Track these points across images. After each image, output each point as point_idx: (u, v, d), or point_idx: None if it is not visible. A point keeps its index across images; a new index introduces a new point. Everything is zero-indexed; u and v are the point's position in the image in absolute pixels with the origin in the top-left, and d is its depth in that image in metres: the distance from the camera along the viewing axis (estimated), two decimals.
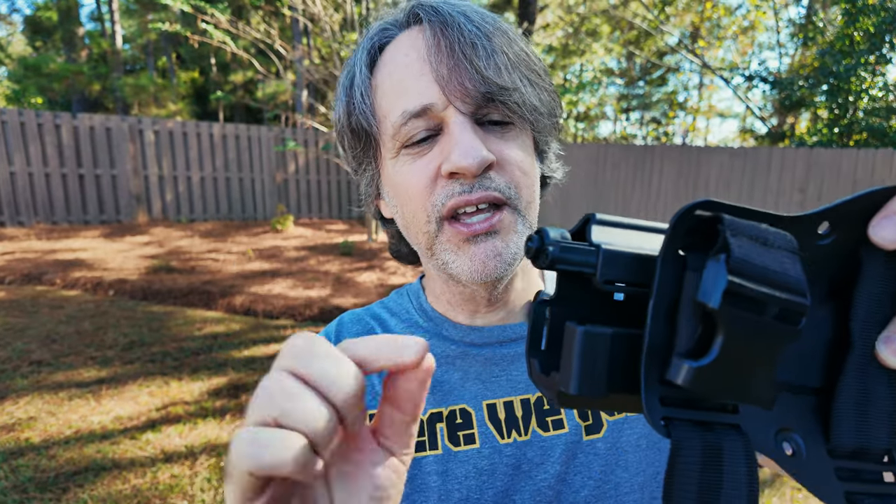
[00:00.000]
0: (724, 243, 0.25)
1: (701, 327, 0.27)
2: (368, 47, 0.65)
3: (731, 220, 0.26)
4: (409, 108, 0.59)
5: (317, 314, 5.41)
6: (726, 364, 0.25)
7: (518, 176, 0.61)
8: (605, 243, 0.30)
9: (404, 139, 0.61)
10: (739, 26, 17.44)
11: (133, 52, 22.30)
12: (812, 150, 6.02)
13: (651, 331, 0.28)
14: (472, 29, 0.58)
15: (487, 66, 0.57)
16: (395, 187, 0.64)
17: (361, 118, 0.64)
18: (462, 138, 0.57)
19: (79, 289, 6.10)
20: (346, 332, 0.74)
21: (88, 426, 3.19)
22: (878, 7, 7.01)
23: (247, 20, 15.56)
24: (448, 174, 0.58)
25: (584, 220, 0.33)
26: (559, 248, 0.30)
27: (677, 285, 0.28)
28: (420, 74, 0.59)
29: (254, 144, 11.00)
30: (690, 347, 0.27)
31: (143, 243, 8.39)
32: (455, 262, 0.61)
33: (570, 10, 16.61)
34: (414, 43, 0.61)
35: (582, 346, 0.29)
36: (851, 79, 7.23)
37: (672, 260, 0.28)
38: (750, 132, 13.92)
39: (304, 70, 10.37)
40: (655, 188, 7.77)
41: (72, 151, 9.34)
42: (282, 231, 9.88)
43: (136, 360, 4.18)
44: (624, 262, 0.30)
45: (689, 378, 0.25)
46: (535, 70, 0.63)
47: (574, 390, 0.29)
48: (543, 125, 0.64)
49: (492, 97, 0.58)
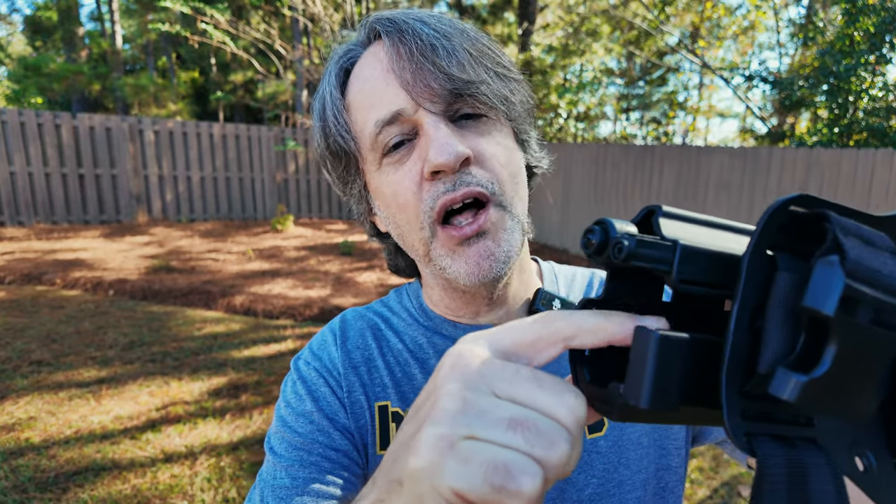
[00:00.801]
0: (835, 243, 0.23)
1: (804, 335, 0.24)
2: (336, 70, 0.66)
3: (839, 219, 0.24)
4: (380, 117, 0.60)
5: (317, 314, 5.41)
6: (836, 377, 0.23)
7: (498, 169, 0.61)
8: (681, 238, 0.27)
9: (382, 148, 0.62)
10: (739, 26, 17.43)
11: (133, 52, 22.31)
12: (812, 150, 6.02)
13: (734, 338, 0.25)
14: (430, 32, 0.60)
15: (450, 64, 0.58)
16: (385, 198, 0.65)
17: (339, 138, 0.65)
18: (436, 136, 0.58)
19: (79, 289, 6.10)
20: (350, 329, 0.74)
21: (88, 426, 3.19)
22: (879, 7, 7.00)
23: (246, 20, 15.56)
24: (430, 174, 0.59)
25: (646, 211, 0.30)
26: (636, 242, 0.27)
27: (764, 289, 0.25)
28: (386, 84, 0.60)
29: (254, 144, 11.00)
30: (794, 359, 0.24)
31: (143, 243, 8.39)
32: (451, 266, 0.61)
33: (570, 9, 16.60)
34: (377, 56, 0.62)
35: (657, 354, 0.26)
36: (851, 79, 7.22)
37: (760, 260, 0.25)
38: (750, 132, 13.92)
39: (303, 70, 10.37)
40: (655, 188, 7.77)
41: (72, 151, 9.34)
42: (282, 231, 9.88)
43: (136, 360, 4.18)
44: (703, 261, 0.27)
45: (797, 393, 0.23)
46: (500, 63, 0.63)
47: (646, 404, 0.26)
48: (517, 113, 0.65)
49: (459, 92, 0.59)
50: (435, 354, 0.71)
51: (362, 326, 0.74)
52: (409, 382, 0.69)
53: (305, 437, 0.65)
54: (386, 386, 0.69)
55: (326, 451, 0.64)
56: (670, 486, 0.72)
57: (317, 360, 0.71)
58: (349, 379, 0.69)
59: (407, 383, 0.69)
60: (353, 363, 0.70)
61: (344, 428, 0.66)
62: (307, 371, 0.70)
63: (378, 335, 0.73)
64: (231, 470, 2.83)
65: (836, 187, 5.75)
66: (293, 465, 0.63)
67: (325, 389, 0.68)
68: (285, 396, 0.70)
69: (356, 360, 0.70)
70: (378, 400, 0.68)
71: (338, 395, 0.68)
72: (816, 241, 0.25)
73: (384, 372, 0.70)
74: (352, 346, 0.72)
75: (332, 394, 0.68)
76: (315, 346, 0.73)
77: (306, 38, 14.84)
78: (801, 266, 0.25)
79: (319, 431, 0.65)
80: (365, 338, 0.73)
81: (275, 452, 0.65)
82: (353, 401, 0.68)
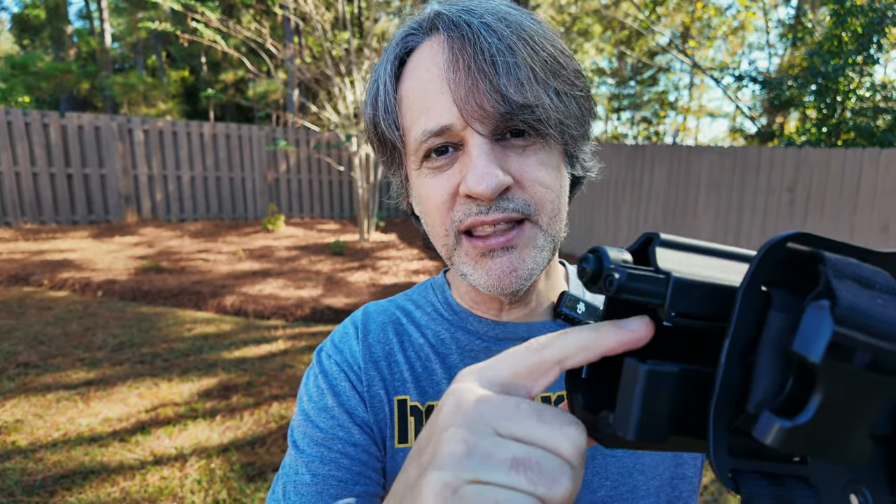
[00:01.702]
0: (827, 287, 0.22)
1: (792, 379, 0.24)
2: (392, 58, 0.64)
3: (834, 260, 0.23)
4: (428, 128, 0.60)
5: (308, 314, 5.39)
6: (822, 422, 0.22)
7: (539, 192, 0.60)
8: (674, 271, 0.27)
9: (425, 152, 0.62)
10: (729, 26, 17.55)
11: (122, 50, 22.11)
12: (801, 150, 6.07)
13: (724, 375, 0.25)
14: (493, 42, 0.56)
15: (508, 85, 0.56)
16: (420, 197, 0.66)
17: (387, 131, 0.65)
18: (478, 163, 0.57)
19: (67, 290, 6.04)
20: (372, 323, 0.75)
21: (76, 429, 3.16)
22: (866, 8, 7.07)
23: (237, 19, 15.47)
24: (465, 195, 0.59)
25: (644, 238, 0.30)
26: (626, 275, 0.26)
27: (757, 324, 0.25)
28: (439, 93, 0.58)
29: (244, 144, 10.94)
30: (780, 402, 0.24)
31: (133, 244, 8.32)
32: (473, 274, 0.62)
33: (562, 9, 16.65)
34: (434, 57, 0.60)
35: (645, 388, 0.26)
36: (839, 79, 7.29)
37: (754, 295, 0.25)
38: (740, 132, 14.01)
39: (295, 69, 10.33)
40: (647, 187, 7.80)
41: (60, 151, 9.25)
42: (273, 231, 9.84)
43: (126, 361, 4.14)
44: (697, 294, 0.26)
45: (781, 439, 0.23)
46: (563, 76, 0.60)
47: (633, 436, 0.26)
48: (570, 136, 0.62)
49: (511, 116, 0.57)
50: (457, 350, 0.71)
51: (384, 321, 0.75)
52: (428, 377, 0.70)
53: (326, 432, 0.66)
54: (406, 381, 0.70)
55: (346, 447, 0.65)
56: (684, 495, 0.72)
57: (338, 353, 0.72)
58: (369, 373, 0.70)
59: (427, 378, 0.70)
60: (374, 357, 0.71)
61: (363, 422, 0.68)
62: (329, 364, 0.71)
63: (399, 329, 0.74)
64: (222, 472, 2.81)
65: (824, 186, 5.80)
66: (314, 462, 0.64)
67: (345, 384, 0.69)
68: (308, 389, 0.71)
69: (377, 355, 0.71)
70: (397, 394, 0.69)
71: (357, 389, 0.69)
72: (813, 279, 0.24)
73: (404, 367, 0.70)
74: (373, 339, 0.72)
75: (351, 388, 0.69)
76: (337, 338, 0.74)
77: (298, 37, 14.78)
78: (796, 304, 0.24)
79: (340, 427, 0.67)
80: (386, 332, 0.73)
81: (297, 447, 0.67)
82: (373, 395, 0.69)
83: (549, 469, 0.29)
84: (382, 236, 9.87)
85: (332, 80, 8.56)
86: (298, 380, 3.90)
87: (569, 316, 0.70)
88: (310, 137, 11.50)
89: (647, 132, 19.83)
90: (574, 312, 0.70)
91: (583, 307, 0.71)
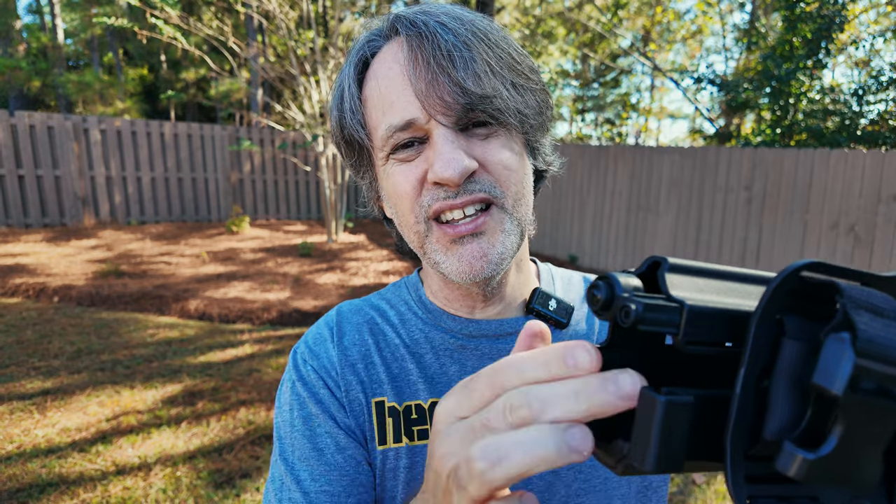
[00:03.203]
0: (846, 319, 0.23)
1: (811, 410, 0.24)
2: (355, 61, 0.66)
3: (849, 291, 0.23)
4: (393, 123, 0.62)
5: (275, 317, 5.31)
6: (842, 452, 0.22)
7: (503, 174, 0.62)
8: (687, 298, 0.27)
9: (392, 147, 0.63)
10: (688, 31, 18.07)
11: (76, 47, 21.28)
12: (757, 150, 6.30)
13: (740, 403, 0.25)
14: (449, 38, 0.59)
15: (466, 77, 0.58)
16: (388, 190, 0.67)
17: (353, 131, 0.66)
18: (443, 150, 0.59)
19: (20, 296, 5.79)
20: (347, 324, 0.75)
21: (32, 440, 3.04)
22: (815, 15, 7.39)
23: (198, 16, 15.11)
24: (433, 182, 0.61)
25: (651, 262, 0.29)
26: (643, 307, 0.26)
27: (771, 352, 0.25)
28: (402, 89, 0.61)
29: (207, 144, 10.68)
30: (800, 433, 0.24)
31: (91, 247, 8.03)
32: (444, 262, 0.64)
33: (527, 11, 16.83)
34: (395, 56, 0.62)
35: (663, 420, 0.25)
36: (792, 82, 7.60)
37: (768, 324, 0.25)
38: (699, 132, 14.42)
39: (259, 68, 10.15)
40: (610, 187, 7.96)
41: (10, 151, 8.85)
42: (237, 233, 9.65)
43: (84, 369, 4.00)
44: (710, 321, 0.26)
45: (803, 471, 0.23)
46: (518, 71, 0.63)
47: (651, 467, 0.26)
48: (530, 124, 0.65)
49: (472, 107, 0.59)
50: (431, 350, 0.72)
51: (359, 321, 0.75)
52: (405, 378, 0.71)
53: (313, 441, 0.67)
54: (382, 382, 0.70)
55: (334, 457, 0.66)
56: (654, 484, 0.74)
57: (315, 358, 0.72)
58: (346, 378, 0.70)
59: (403, 379, 0.71)
60: (351, 361, 0.71)
61: (347, 427, 0.68)
62: (306, 371, 0.71)
63: (374, 330, 0.74)
64: (188, 480, 2.74)
65: (778, 185, 6.03)
66: (305, 479, 0.65)
67: (324, 391, 0.69)
68: (287, 398, 0.71)
69: (353, 358, 0.71)
70: (375, 396, 0.70)
71: (336, 395, 0.69)
72: (825, 303, 0.25)
73: (381, 368, 0.71)
74: (349, 342, 0.73)
75: (331, 395, 0.69)
76: (311, 341, 0.74)
77: (261, 36, 14.52)
78: (809, 331, 0.25)
79: (327, 434, 0.67)
80: (362, 333, 0.74)
81: (286, 460, 0.67)
82: (352, 399, 0.69)
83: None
84: (351, 237, 9.79)
85: (297, 80, 8.44)
86: (266, 384, 3.84)
87: (540, 312, 0.71)
88: (275, 137, 11.31)
89: (610, 133, 20.21)
90: (546, 309, 0.71)
91: (554, 304, 0.72)
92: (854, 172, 5.42)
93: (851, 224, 5.46)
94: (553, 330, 0.73)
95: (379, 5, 15.76)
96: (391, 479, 0.68)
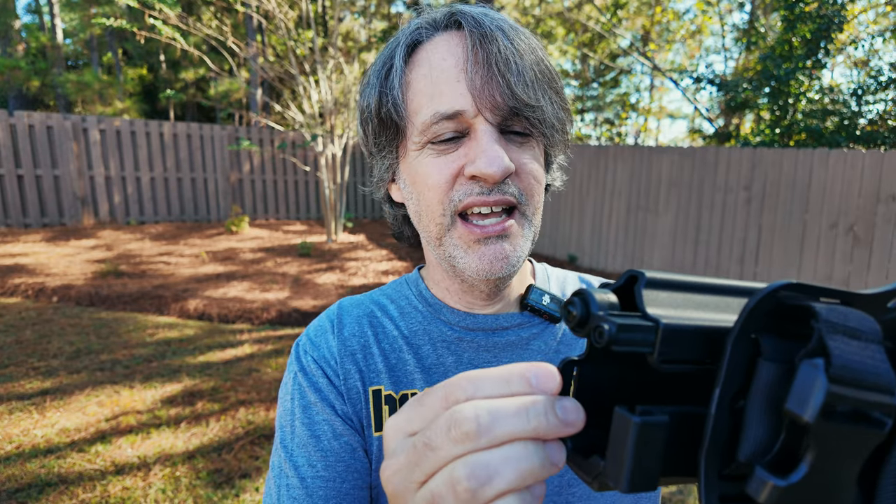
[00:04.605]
0: (820, 345, 0.22)
1: (784, 435, 0.24)
2: (408, 42, 0.67)
3: (826, 314, 0.23)
4: (441, 111, 0.62)
5: (275, 317, 5.31)
6: (814, 478, 0.22)
7: (531, 184, 0.66)
8: (663, 317, 0.26)
9: (432, 136, 0.64)
10: (687, 30, 18.06)
11: (76, 47, 21.26)
12: (756, 150, 6.30)
13: (715, 424, 0.25)
14: (508, 45, 0.62)
15: (517, 83, 0.61)
16: (415, 176, 0.67)
17: (392, 110, 0.66)
18: (489, 147, 0.61)
19: (19, 296, 5.79)
20: (347, 317, 0.77)
21: (31, 440, 3.04)
22: (814, 15, 7.39)
23: (197, 16, 15.11)
24: (471, 176, 0.62)
25: (628, 277, 0.29)
26: (616, 327, 0.26)
27: (747, 372, 0.25)
28: (456, 80, 0.62)
29: (206, 144, 10.68)
30: (772, 458, 0.24)
31: (90, 247, 8.03)
32: (463, 258, 0.65)
33: (526, 11, 16.83)
34: (451, 48, 0.64)
35: (637, 441, 0.25)
36: (791, 82, 7.60)
37: (744, 345, 0.25)
38: (698, 132, 14.43)
39: (258, 68, 10.14)
40: (609, 187, 7.97)
41: (9, 151, 8.85)
42: (237, 233, 9.65)
43: (84, 369, 4.00)
44: (686, 340, 0.26)
45: (773, 498, 0.23)
46: (556, 88, 0.67)
47: (626, 487, 0.26)
48: (556, 140, 0.69)
49: (517, 111, 0.62)
50: (429, 342, 0.74)
51: (359, 314, 0.77)
52: (402, 368, 0.73)
53: (311, 429, 0.69)
54: (380, 371, 0.72)
55: (331, 443, 0.68)
56: None
57: (315, 348, 0.74)
58: (346, 366, 0.72)
59: (400, 368, 0.73)
60: (350, 350, 0.73)
61: (345, 415, 0.70)
62: (306, 361, 0.73)
63: (374, 322, 0.76)
64: (187, 479, 2.74)
65: (777, 185, 6.04)
66: (302, 465, 0.67)
67: (323, 381, 0.71)
68: (289, 388, 0.73)
69: (353, 347, 0.74)
70: (372, 384, 0.72)
71: (335, 384, 0.71)
72: (802, 322, 0.24)
73: (379, 358, 0.73)
74: (348, 333, 0.75)
75: (329, 384, 0.71)
76: (313, 333, 0.76)
77: (260, 36, 14.52)
78: (786, 352, 0.25)
79: (325, 422, 0.69)
80: (361, 325, 0.76)
81: (285, 447, 0.69)
82: (350, 387, 0.71)
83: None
84: (350, 237, 9.79)
85: (297, 80, 8.44)
86: (265, 384, 3.84)
87: (535, 307, 0.73)
88: (274, 137, 11.31)
89: (609, 133, 20.22)
90: (540, 304, 0.74)
91: (548, 299, 0.74)
92: (853, 172, 5.42)
93: (850, 224, 5.46)
94: (547, 324, 0.75)
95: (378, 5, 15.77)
96: None
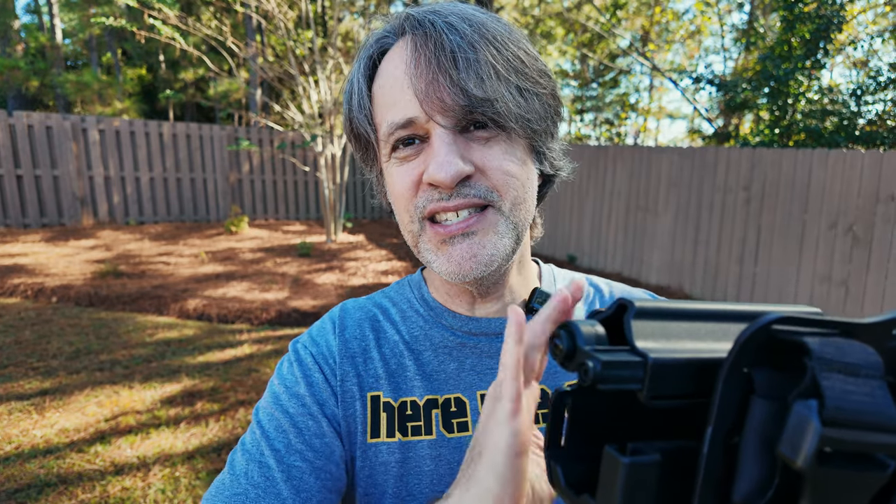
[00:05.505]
0: (813, 384, 0.21)
1: (778, 478, 0.23)
2: (366, 58, 0.67)
3: (819, 351, 0.22)
4: (394, 121, 0.62)
5: (274, 317, 5.30)
6: None
7: (502, 179, 0.62)
8: (651, 350, 0.25)
9: (393, 144, 0.64)
10: (687, 31, 18.07)
11: (75, 47, 21.24)
12: (755, 150, 6.30)
13: (708, 463, 0.24)
14: (454, 39, 0.59)
15: (467, 79, 0.58)
16: (389, 186, 0.69)
17: (360, 126, 0.67)
18: (439, 152, 0.60)
19: (18, 296, 5.78)
20: (349, 319, 0.76)
21: (31, 441, 3.03)
22: (814, 15, 7.39)
23: (197, 16, 15.09)
24: (427, 184, 0.62)
25: (617, 306, 0.28)
26: (602, 364, 0.25)
27: (740, 408, 0.24)
28: (404, 88, 0.61)
29: (206, 144, 10.68)
30: (766, 502, 0.23)
31: (89, 247, 8.02)
32: (435, 261, 0.65)
33: (526, 12, 16.84)
34: (402, 55, 0.63)
35: (626, 482, 0.25)
36: (790, 82, 7.60)
37: (736, 380, 0.24)
38: (698, 132, 14.42)
39: (257, 68, 10.14)
40: (609, 187, 7.97)
41: (8, 151, 8.84)
42: (236, 233, 9.64)
43: (83, 369, 3.99)
44: (676, 374, 0.25)
45: None
46: (526, 75, 0.63)
47: None
48: (533, 130, 0.64)
49: (472, 110, 0.59)
50: (431, 347, 0.73)
51: (361, 317, 0.76)
52: (402, 374, 0.72)
53: (294, 419, 0.67)
54: (379, 377, 0.71)
55: (312, 439, 0.66)
56: None
57: (315, 345, 0.73)
58: (344, 368, 0.71)
59: (400, 375, 0.72)
60: (350, 353, 0.72)
61: (332, 416, 0.69)
62: (304, 355, 0.72)
63: (376, 326, 0.75)
64: (187, 480, 2.74)
65: (777, 185, 6.04)
66: (279, 449, 0.65)
67: (318, 376, 0.70)
68: (281, 374, 0.72)
69: (353, 350, 0.73)
70: (371, 390, 0.71)
71: (331, 383, 0.70)
72: (795, 356, 0.24)
73: (379, 363, 0.72)
74: (350, 335, 0.74)
75: (324, 381, 0.70)
76: (314, 332, 0.76)
77: (260, 36, 14.52)
78: (780, 387, 0.24)
79: (310, 416, 0.68)
80: (363, 329, 0.75)
81: (263, 428, 0.67)
82: (346, 390, 0.70)
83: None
84: (350, 237, 9.79)
85: (296, 80, 8.44)
86: (265, 384, 3.83)
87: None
88: (273, 137, 11.31)
89: (609, 133, 20.22)
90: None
91: None
92: (852, 172, 5.42)
93: (850, 224, 5.46)
94: None
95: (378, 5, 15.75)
96: (382, 473, 0.68)
